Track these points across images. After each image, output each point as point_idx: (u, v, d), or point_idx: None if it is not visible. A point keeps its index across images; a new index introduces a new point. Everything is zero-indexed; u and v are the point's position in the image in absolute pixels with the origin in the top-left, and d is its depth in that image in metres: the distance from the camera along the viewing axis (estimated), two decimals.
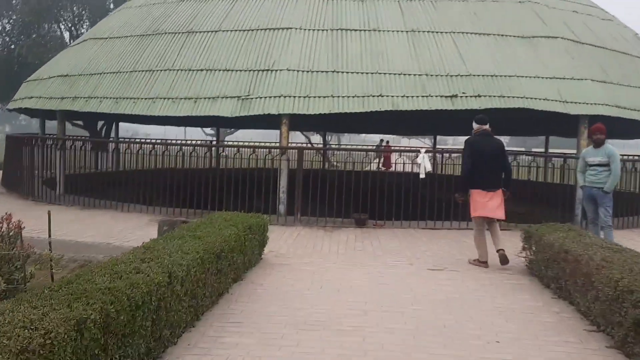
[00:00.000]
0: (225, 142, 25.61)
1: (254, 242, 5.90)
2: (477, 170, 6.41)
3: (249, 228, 5.74)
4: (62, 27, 25.63)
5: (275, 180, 9.38)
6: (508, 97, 9.16)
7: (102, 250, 7.33)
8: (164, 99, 9.73)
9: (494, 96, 9.18)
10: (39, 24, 23.18)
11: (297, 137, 38.26)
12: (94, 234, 7.87)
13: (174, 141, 12.87)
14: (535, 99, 9.21)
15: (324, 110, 9.13)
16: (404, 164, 10.46)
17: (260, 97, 9.33)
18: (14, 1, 24.70)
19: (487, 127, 6.62)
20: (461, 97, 9.16)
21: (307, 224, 9.04)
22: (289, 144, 9.81)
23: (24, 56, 22.35)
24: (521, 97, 9.18)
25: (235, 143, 26.93)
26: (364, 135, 60.45)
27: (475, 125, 6.67)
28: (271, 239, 7.65)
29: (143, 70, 10.31)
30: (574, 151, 10.36)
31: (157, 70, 10.18)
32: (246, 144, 14.94)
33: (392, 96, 9.22)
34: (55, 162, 11.17)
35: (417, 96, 9.20)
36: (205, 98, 9.54)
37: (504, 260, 6.35)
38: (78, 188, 10.83)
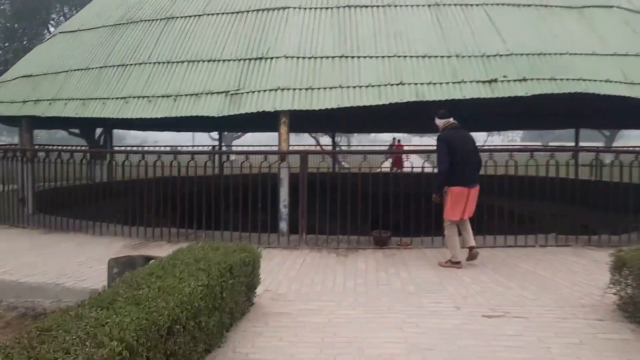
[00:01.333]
0: (218, 149, 23.93)
1: (237, 288, 4.17)
2: (457, 166, 6.10)
3: (229, 270, 4.01)
4: (52, 29, 24.15)
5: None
6: (561, 79, 7.35)
7: (49, 293, 5.67)
8: (138, 97, 8.05)
9: (544, 79, 7.37)
10: (26, 27, 21.65)
11: (305, 140, 36.46)
12: (45, 270, 6.18)
13: (160, 148, 11.19)
14: (595, 81, 7.39)
15: (331, 105, 7.40)
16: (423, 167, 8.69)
17: (253, 92, 7.61)
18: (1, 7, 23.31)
19: (453, 120, 6.36)
20: (502, 81, 7.36)
21: (314, 246, 7.29)
22: (290, 148, 8.06)
23: (11, 62, 20.92)
24: (577, 80, 7.37)
25: (235, 149, 25.11)
26: (373, 135, 58.73)
27: (440, 122, 6.35)
28: (269, 269, 5.97)
29: (115, 66, 8.65)
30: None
31: (131, 65, 8.51)
32: (243, 149, 13.31)
33: (415, 84, 7.45)
34: (24, 177, 9.56)
35: (447, 83, 7.43)
36: (186, 95, 7.84)
37: (474, 257, 6.26)
38: (52, 206, 9.19)
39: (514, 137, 70.82)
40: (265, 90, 7.58)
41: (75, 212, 8.83)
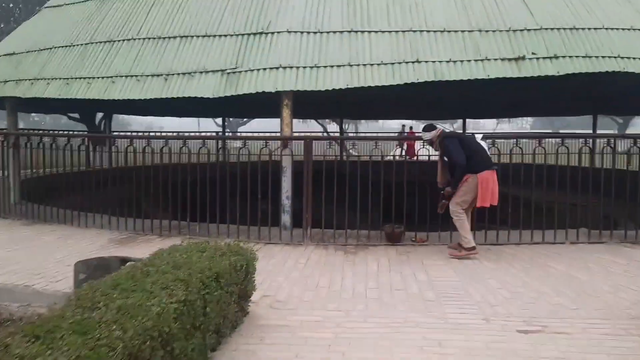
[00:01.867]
0: (211, 134, 23.16)
1: (226, 300, 3.46)
2: (475, 154, 5.90)
3: (216, 279, 3.31)
4: None
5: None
6: (596, 57, 6.55)
7: (18, 296, 4.98)
8: (126, 77, 7.31)
9: (577, 56, 6.57)
10: (22, 7, 20.91)
11: (312, 127, 35.56)
12: (17, 269, 5.50)
13: (155, 134, 10.48)
14: (635, 59, 6.58)
15: (338, 85, 6.64)
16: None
17: (252, 70, 6.86)
18: None
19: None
20: (530, 59, 6.57)
21: (320, 242, 6.58)
22: (294, 134, 7.31)
23: None
24: (614, 57, 6.56)
25: (238, 135, 24.26)
26: (381, 122, 57.75)
27: (432, 133, 6.13)
28: (269, 269, 5.31)
29: (101, 42, 7.90)
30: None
31: (118, 41, 7.76)
32: (243, 135, 12.67)
33: (433, 62, 6.67)
34: (8, 163, 8.89)
35: (468, 60, 6.64)
36: (178, 74, 7.10)
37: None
38: (38, 194, 8.52)
39: (523, 125, 69.49)
40: (265, 69, 6.82)
41: (64, 201, 8.16)
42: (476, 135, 6.42)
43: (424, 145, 6.75)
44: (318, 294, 4.64)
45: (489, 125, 54.92)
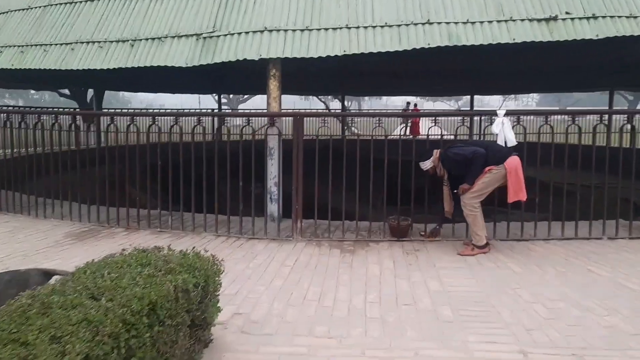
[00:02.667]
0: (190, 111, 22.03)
1: (168, 337, 2.49)
2: (490, 147, 5.14)
3: (150, 312, 2.33)
4: None
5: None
6: None
7: None
8: (88, 43, 6.27)
9: (620, 17, 5.49)
10: None
11: (315, 104, 34.34)
12: None
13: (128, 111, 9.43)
14: None
15: (334, 52, 5.59)
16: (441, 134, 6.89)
17: (232, 34, 5.80)
18: None
19: None
20: (564, 19, 5.49)
21: (312, 237, 5.61)
22: (282, 110, 6.28)
23: None
24: None
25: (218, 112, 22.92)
26: (385, 99, 56.44)
27: (428, 161, 5.33)
28: (247, 274, 4.42)
29: (61, 3, 6.82)
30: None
31: (80, 2, 6.68)
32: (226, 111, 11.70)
33: (448, 23, 5.60)
34: None
35: (490, 22, 5.57)
36: (147, 39, 6.05)
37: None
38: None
39: (529, 102, 67.85)
40: (248, 33, 5.77)
41: (30, 187, 7.17)
42: (498, 112, 5.38)
43: (435, 122, 5.71)
44: (305, 311, 3.67)
45: (493, 102, 53.21)
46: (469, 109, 32.93)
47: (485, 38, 5.46)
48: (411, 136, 21.55)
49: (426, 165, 5.35)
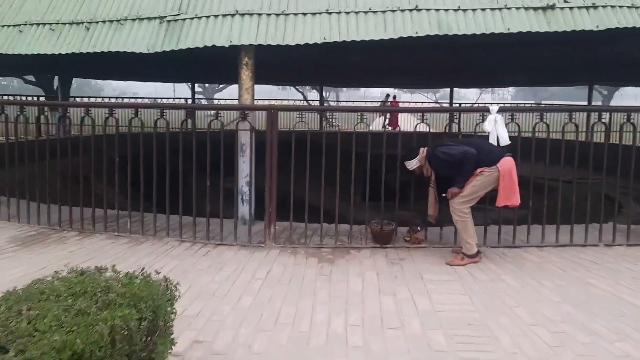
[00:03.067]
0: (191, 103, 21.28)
1: None
2: (482, 147, 4.63)
3: None
4: None
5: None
6: None
7: None
8: (38, 25, 5.62)
9: (621, 6, 5.09)
10: None
11: (292, 95, 33.68)
12: None
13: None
14: None
15: (313, 39, 5.08)
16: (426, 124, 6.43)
17: (200, 17, 5.23)
18: None
19: None
20: (562, 9, 5.06)
21: (286, 243, 5.10)
22: (255, 102, 5.74)
23: None
24: None
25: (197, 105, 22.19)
26: (363, 90, 56.03)
27: (414, 160, 4.87)
28: (212, 289, 3.95)
29: None
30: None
31: None
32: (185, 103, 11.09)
33: (437, 10, 5.13)
34: None
35: (483, 9, 5.11)
36: (104, 22, 5.44)
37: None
38: None
39: (504, 96, 67.94)
40: (217, 16, 5.21)
41: None
42: (491, 109, 4.94)
43: (423, 119, 5.23)
44: (276, 338, 3.17)
45: (470, 95, 52.65)
46: (447, 102, 32.75)
47: (477, 27, 5.00)
48: (390, 128, 21.18)
49: (412, 164, 4.89)
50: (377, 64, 16.17)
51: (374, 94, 54.65)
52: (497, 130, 4.89)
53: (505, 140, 4.88)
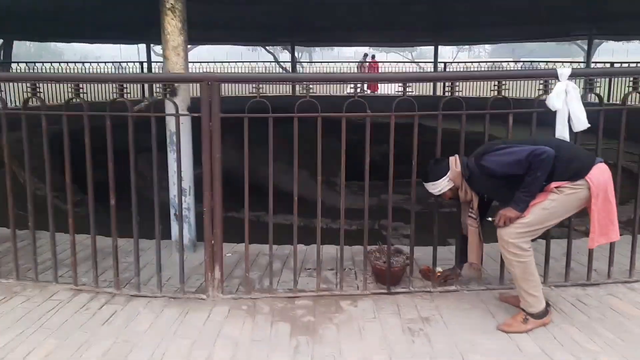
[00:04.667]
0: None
1: None
2: (562, 148, 2.75)
3: None
4: None
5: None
6: None
7: None
8: None
9: None
10: None
11: (262, 56, 30.83)
12: None
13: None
14: None
15: None
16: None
17: None
18: None
19: None
20: None
21: (240, 292, 3.27)
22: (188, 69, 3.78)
23: None
24: None
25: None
26: (336, 50, 53.49)
27: (444, 183, 2.93)
28: None
29: None
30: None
31: None
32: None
33: None
34: None
35: None
36: None
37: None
38: None
39: (480, 53, 65.55)
40: None
41: None
42: (559, 73, 3.11)
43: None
44: None
45: (445, 53, 48.86)
46: (424, 60, 30.45)
47: None
48: (369, 92, 19.25)
49: (439, 187, 2.99)
50: (354, 20, 14.68)
51: (348, 54, 52.23)
52: (569, 107, 3.09)
53: (583, 123, 3.09)
